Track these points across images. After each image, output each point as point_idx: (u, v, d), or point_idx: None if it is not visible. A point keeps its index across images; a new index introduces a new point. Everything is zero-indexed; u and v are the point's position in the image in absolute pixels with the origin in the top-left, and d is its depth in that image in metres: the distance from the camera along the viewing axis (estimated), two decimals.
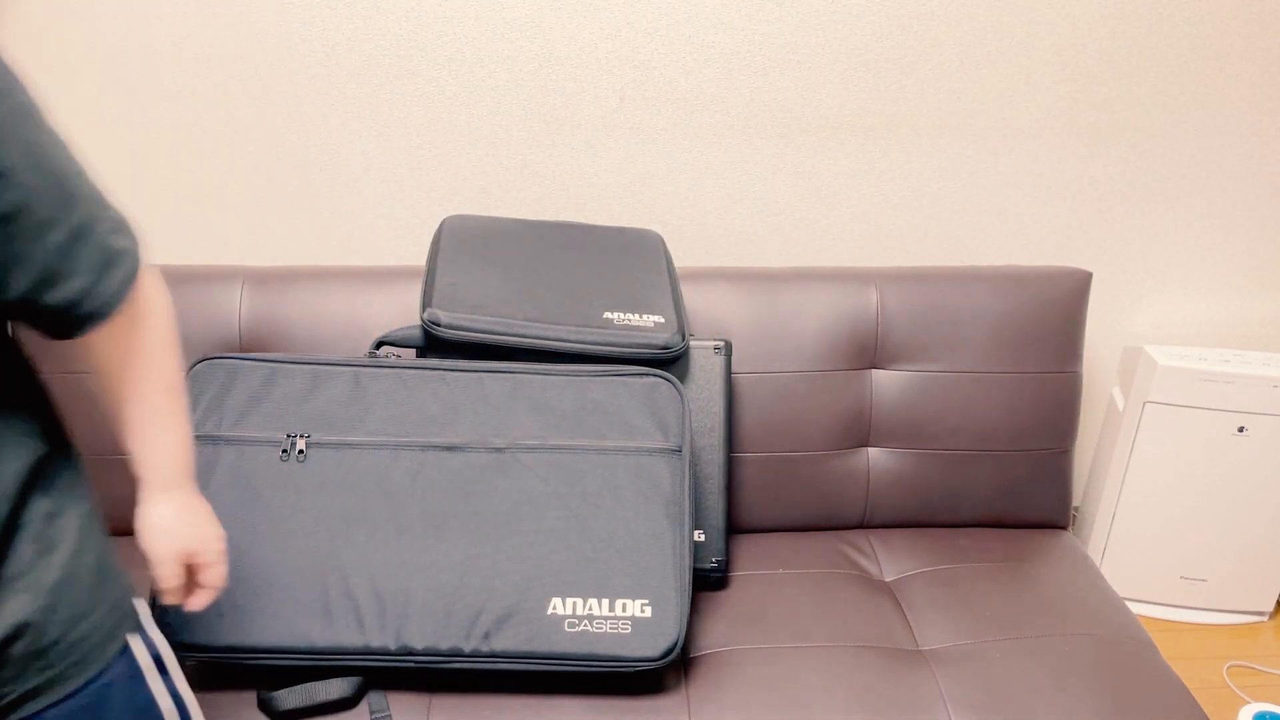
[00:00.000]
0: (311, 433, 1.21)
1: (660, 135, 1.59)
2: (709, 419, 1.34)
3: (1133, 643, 1.26)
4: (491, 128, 1.57)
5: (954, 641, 1.26)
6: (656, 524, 1.19)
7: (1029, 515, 1.53)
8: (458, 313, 1.25)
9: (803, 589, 1.34)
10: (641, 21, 1.51)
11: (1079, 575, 1.40)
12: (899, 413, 1.47)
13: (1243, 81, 1.60)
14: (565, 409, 1.24)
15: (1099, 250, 1.72)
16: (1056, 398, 1.48)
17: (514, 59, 1.52)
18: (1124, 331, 1.80)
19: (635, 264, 1.43)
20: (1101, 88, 1.59)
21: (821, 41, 1.54)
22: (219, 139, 1.55)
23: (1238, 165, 1.66)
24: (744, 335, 1.44)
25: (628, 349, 1.27)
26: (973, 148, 1.63)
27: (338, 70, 1.52)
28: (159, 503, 0.87)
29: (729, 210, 1.65)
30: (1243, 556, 1.74)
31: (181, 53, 1.49)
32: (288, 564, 1.15)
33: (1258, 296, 1.78)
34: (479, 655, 1.13)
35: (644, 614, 1.14)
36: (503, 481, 1.20)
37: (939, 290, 1.47)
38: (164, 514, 0.87)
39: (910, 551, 1.45)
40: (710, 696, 1.16)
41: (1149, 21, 1.55)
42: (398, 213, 1.63)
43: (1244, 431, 1.64)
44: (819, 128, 1.60)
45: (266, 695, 1.12)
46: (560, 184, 1.62)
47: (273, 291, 1.40)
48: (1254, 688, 1.65)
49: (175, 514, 0.88)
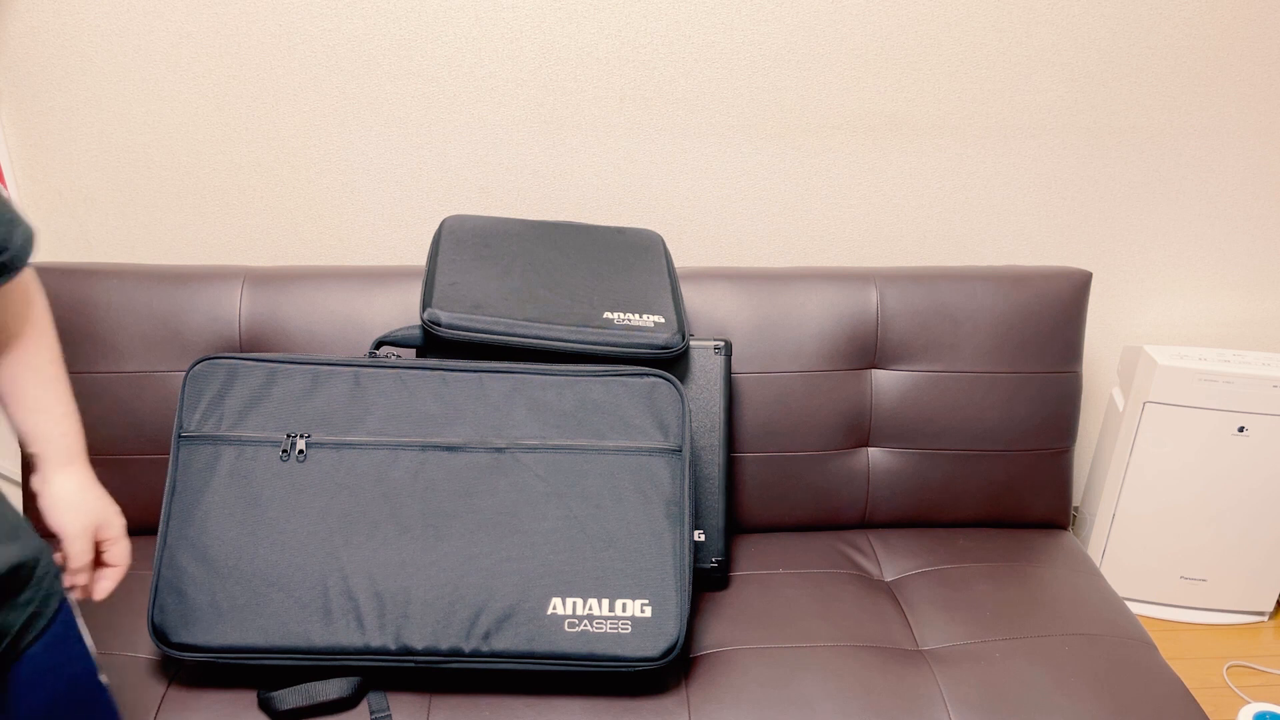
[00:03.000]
0: (311, 433, 1.21)
1: (660, 135, 1.59)
2: (709, 419, 1.34)
3: (1133, 643, 1.26)
4: (491, 128, 1.57)
5: (954, 641, 1.26)
6: (656, 524, 1.19)
7: (1029, 515, 1.53)
8: (458, 313, 1.25)
9: (803, 589, 1.34)
10: (641, 21, 1.51)
11: (1079, 575, 1.40)
12: (899, 413, 1.47)
13: (1243, 81, 1.60)
14: (565, 409, 1.24)
15: (1099, 250, 1.72)
16: (1056, 398, 1.48)
17: (514, 59, 1.52)
18: (1124, 331, 1.80)
19: (635, 264, 1.43)
20: (1101, 88, 1.59)
21: (821, 41, 1.54)
22: (219, 139, 1.55)
23: (1238, 165, 1.66)
24: (744, 335, 1.44)
25: (628, 349, 1.27)
26: (973, 148, 1.63)
27: (338, 70, 1.52)
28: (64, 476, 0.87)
29: (729, 210, 1.65)
30: (1243, 556, 1.74)
31: (181, 53, 1.49)
32: (288, 564, 1.15)
33: (1258, 296, 1.78)
34: (479, 655, 1.13)
35: (644, 614, 1.14)
36: (503, 481, 1.20)
37: (939, 290, 1.47)
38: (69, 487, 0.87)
39: (910, 551, 1.45)
40: (710, 696, 1.16)
41: (1149, 21, 1.55)
42: (398, 213, 1.63)
43: (1244, 431, 1.64)
44: (819, 128, 1.60)
45: (266, 695, 1.12)
46: (560, 184, 1.62)
47: (273, 291, 1.40)
48: (1254, 688, 1.65)
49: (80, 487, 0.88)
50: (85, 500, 0.88)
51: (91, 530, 0.89)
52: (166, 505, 1.18)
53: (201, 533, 1.16)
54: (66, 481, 0.88)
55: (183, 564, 1.15)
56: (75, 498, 0.88)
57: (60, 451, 0.87)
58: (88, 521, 0.88)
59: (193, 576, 1.14)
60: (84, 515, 0.88)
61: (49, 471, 0.87)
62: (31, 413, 0.85)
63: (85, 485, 0.89)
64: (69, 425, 0.87)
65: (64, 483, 0.88)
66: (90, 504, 0.89)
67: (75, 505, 0.88)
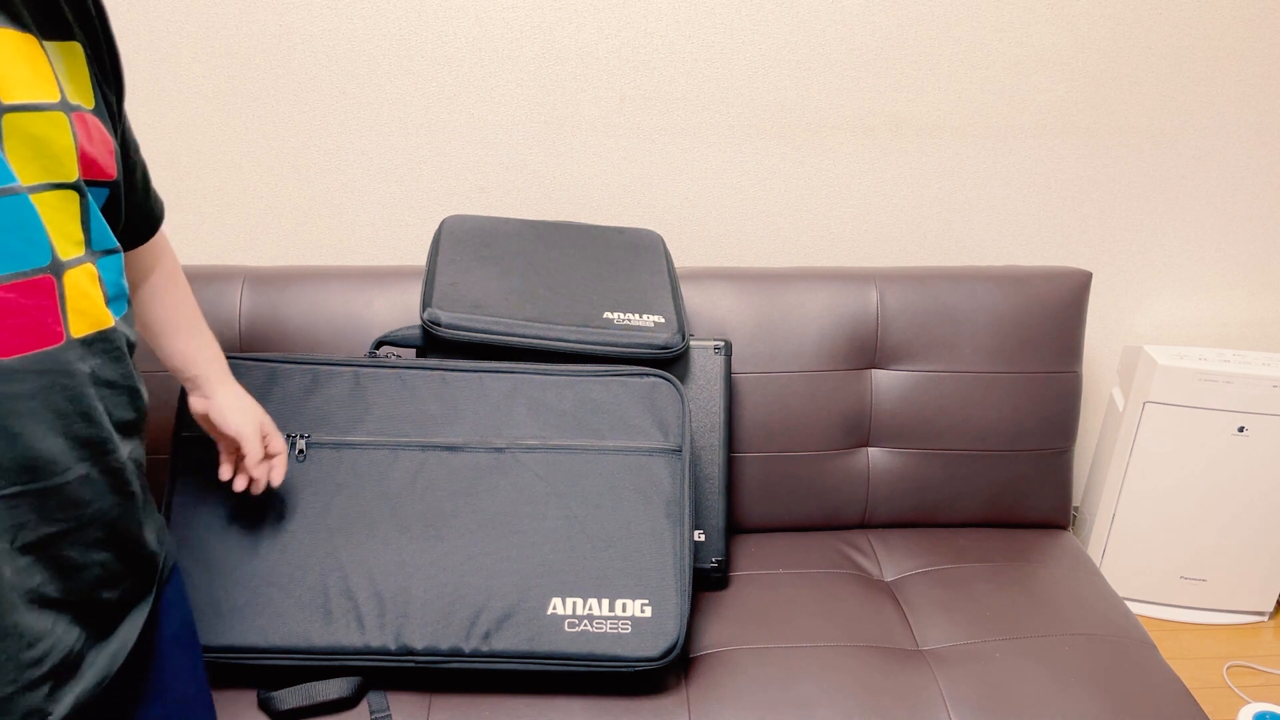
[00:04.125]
0: (312, 432, 1.21)
1: (660, 135, 1.59)
2: (709, 419, 1.34)
3: (1133, 643, 1.26)
4: (491, 128, 1.57)
5: (954, 641, 1.26)
6: (657, 524, 1.19)
7: (1029, 515, 1.53)
8: (458, 313, 1.25)
9: (803, 589, 1.34)
10: (641, 21, 1.51)
11: (1079, 575, 1.40)
12: (899, 413, 1.47)
13: (1243, 81, 1.60)
14: (565, 409, 1.24)
15: (1099, 250, 1.72)
16: (1056, 398, 1.48)
17: (514, 59, 1.52)
18: (1124, 331, 1.80)
19: (635, 264, 1.43)
20: (1101, 88, 1.59)
21: (821, 41, 1.54)
22: (219, 139, 1.55)
23: (1238, 165, 1.66)
24: (744, 335, 1.43)
25: (628, 349, 1.27)
26: (973, 148, 1.63)
27: (338, 70, 1.52)
28: (226, 388, 1.02)
29: (729, 210, 1.65)
30: (1243, 556, 1.74)
31: (181, 53, 1.49)
32: (287, 564, 1.15)
33: (1258, 296, 1.78)
34: (479, 655, 1.13)
35: (644, 614, 1.14)
36: (503, 481, 1.20)
37: (939, 290, 1.47)
38: (234, 395, 1.02)
39: (910, 551, 1.45)
40: (710, 696, 1.16)
41: (1149, 21, 1.55)
42: (398, 213, 1.63)
43: (1244, 431, 1.64)
44: (819, 128, 1.60)
45: (266, 695, 1.12)
46: (560, 184, 1.62)
47: (273, 291, 1.40)
48: (1254, 688, 1.65)
49: (240, 395, 1.03)
50: (247, 404, 1.04)
51: (260, 428, 1.03)
52: (166, 505, 1.19)
53: (201, 533, 1.16)
54: (229, 392, 1.02)
55: (182, 564, 1.15)
56: (241, 403, 1.03)
57: (219, 370, 1.01)
58: (256, 421, 1.03)
59: (192, 577, 1.14)
60: (253, 416, 1.03)
61: (212, 388, 1.01)
62: (191, 338, 0.98)
63: (242, 393, 1.04)
64: (218, 348, 1.02)
65: (228, 394, 1.02)
66: (251, 406, 1.04)
67: (243, 409, 1.03)
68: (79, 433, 0.65)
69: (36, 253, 0.61)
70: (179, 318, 0.97)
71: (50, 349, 0.62)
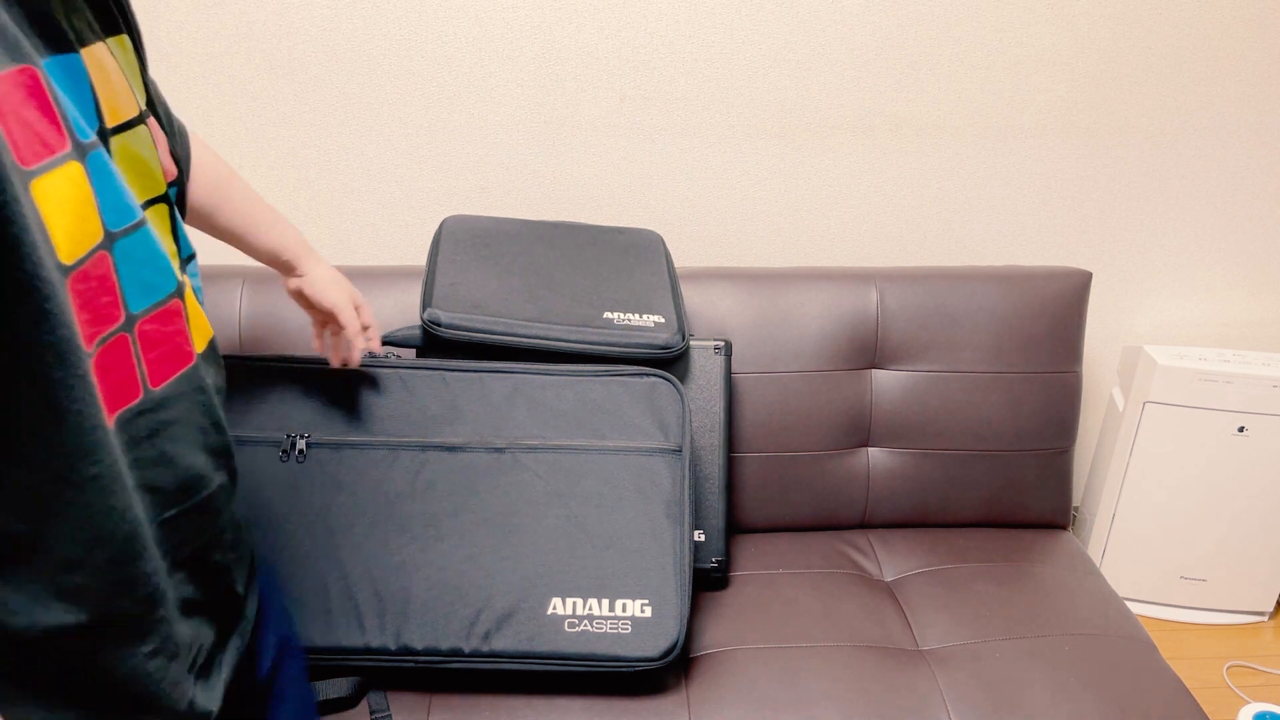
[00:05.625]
0: (311, 432, 1.21)
1: (660, 135, 1.59)
2: (709, 419, 1.34)
3: (1133, 643, 1.26)
4: (491, 128, 1.57)
5: (954, 641, 1.26)
6: (656, 524, 1.19)
7: (1029, 515, 1.53)
8: (458, 313, 1.25)
9: (803, 589, 1.34)
10: (641, 21, 1.51)
11: (1079, 575, 1.40)
12: (899, 413, 1.47)
13: (1243, 81, 1.60)
14: (565, 409, 1.24)
15: (1099, 250, 1.72)
16: (1056, 398, 1.48)
17: (514, 59, 1.52)
18: (1124, 331, 1.80)
19: (635, 264, 1.43)
20: (1101, 88, 1.59)
21: (821, 41, 1.54)
22: (219, 139, 1.55)
23: (1238, 165, 1.66)
24: (744, 335, 1.43)
25: (628, 349, 1.27)
26: (973, 148, 1.63)
27: (338, 70, 1.52)
28: (316, 265, 1.05)
29: (729, 210, 1.65)
30: (1243, 556, 1.74)
31: (181, 53, 1.49)
32: (287, 564, 1.15)
33: (1258, 296, 1.78)
34: (479, 655, 1.13)
35: (644, 614, 1.14)
36: (503, 481, 1.20)
37: (939, 290, 1.47)
38: (325, 269, 1.06)
39: (910, 551, 1.45)
40: (710, 696, 1.16)
41: (1149, 22, 1.55)
42: (398, 213, 1.63)
43: (1244, 431, 1.64)
44: (819, 128, 1.60)
45: None
46: (560, 184, 1.62)
47: (273, 291, 1.40)
48: (1254, 688, 1.65)
49: (330, 269, 1.06)
50: (338, 277, 1.07)
51: (352, 300, 1.07)
52: None
53: None
54: (320, 268, 1.05)
55: None
56: (334, 276, 1.06)
57: (306, 249, 1.04)
58: (350, 293, 1.07)
59: None
60: (345, 289, 1.07)
61: (306, 266, 1.04)
62: (272, 227, 1.00)
63: (330, 267, 1.07)
64: (294, 226, 1.04)
65: (320, 270, 1.05)
66: (341, 279, 1.07)
67: (336, 282, 1.06)
68: (214, 444, 0.66)
69: (165, 280, 0.61)
70: (257, 214, 0.98)
71: (186, 370, 0.63)
